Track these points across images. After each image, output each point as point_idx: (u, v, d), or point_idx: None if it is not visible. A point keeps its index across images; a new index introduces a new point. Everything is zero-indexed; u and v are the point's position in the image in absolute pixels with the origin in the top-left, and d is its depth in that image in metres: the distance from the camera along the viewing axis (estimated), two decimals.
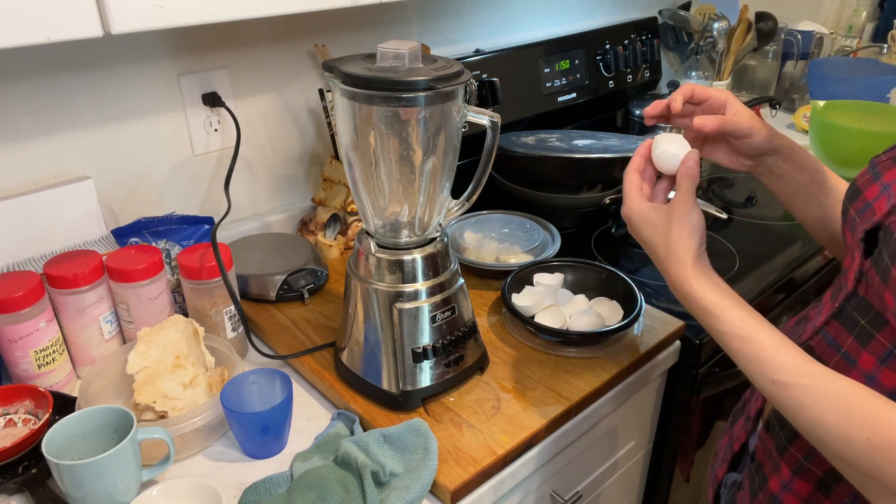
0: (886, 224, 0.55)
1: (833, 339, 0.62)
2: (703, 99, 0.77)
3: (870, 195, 0.60)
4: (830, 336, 0.62)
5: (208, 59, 1.06)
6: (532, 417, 0.81)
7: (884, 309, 0.55)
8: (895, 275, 0.52)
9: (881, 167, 0.61)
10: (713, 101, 0.77)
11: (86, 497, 0.67)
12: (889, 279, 0.53)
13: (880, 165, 0.61)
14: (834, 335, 0.62)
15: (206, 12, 0.71)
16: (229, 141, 1.12)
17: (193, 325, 0.85)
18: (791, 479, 0.64)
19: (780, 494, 0.65)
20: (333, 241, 1.17)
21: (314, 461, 0.76)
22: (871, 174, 0.62)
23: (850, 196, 0.64)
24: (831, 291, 0.66)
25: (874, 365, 0.56)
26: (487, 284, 1.08)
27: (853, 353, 0.59)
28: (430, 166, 0.78)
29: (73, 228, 0.95)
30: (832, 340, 0.62)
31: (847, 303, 0.61)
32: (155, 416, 0.79)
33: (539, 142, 1.33)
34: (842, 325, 0.61)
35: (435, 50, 1.31)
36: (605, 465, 1.02)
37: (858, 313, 0.59)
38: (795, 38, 1.87)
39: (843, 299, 0.61)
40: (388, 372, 0.81)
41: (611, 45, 1.59)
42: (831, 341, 0.62)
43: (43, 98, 0.92)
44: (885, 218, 0.56)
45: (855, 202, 0.62)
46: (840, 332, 0.61)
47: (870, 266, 0.57)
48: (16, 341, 0.80)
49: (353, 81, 0.71)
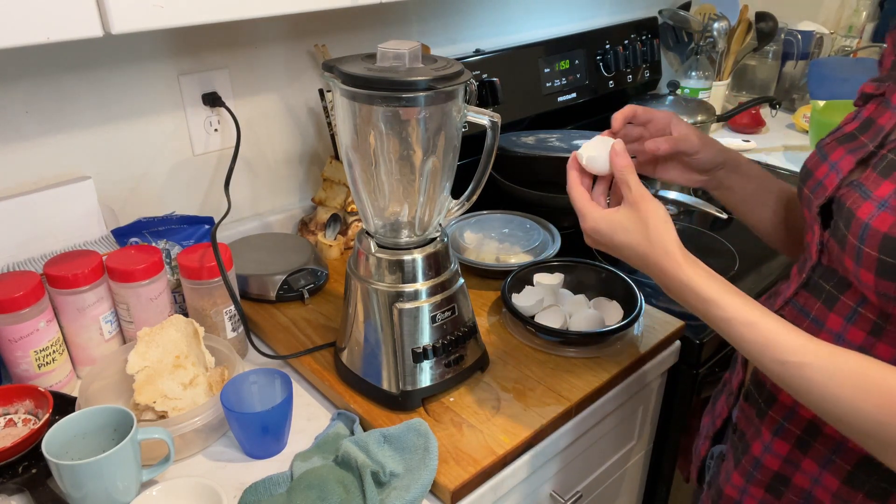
0: (838, 196, 0.60)
1: (802, 307, 0.66)
2: (646, 120, 0.80)
3: (820, 174, 0.65)
4: (800, 304, 0.66)
5: (208, 59, 1.06)
6: (532, 417, 0.81)
7: (846, 273, 0.59)
8: (851, 241, 0.57)
9: (827, 149, 0.66)
10: (657, 122, 0.79)
11: (86, 497, 0.67)
12: (846, 245, 0.57)
13: (826, 147, 0.66)
14: (803, 303, 0.66)
15: (206, 12, 0.71)
16: (229, 141, 1.12)
17: (193, 325, 0.85)
18: (772, 441, 0.67)
19: (761, 457, 0.68)
20: (333, 241, 1.17)
21: (314, 461, 0.76)
22: (818, 156, 0.66)
23: (802, 178, 0.68)
24: (797, 266, 0.70)
25: (841, 324, 0.61)
26: (487, 284, 1.08)
27: (821, 317, 0.63)
28: (430, 166, 0.78)
29: (73, 228, 0.95)
30: (801, 308, 0.66)
31: (813, 273, 0.65)
32: (155, 416, 0.79)
33: (539, 142, 1.33)
34: (809, 293, 0.65)
35: (435, 50, 1.31)
36: (605, 465, 1.02)
37: (824, 280, 0.64)
38: (795, 38, 1.87)
39: (809, 270, 0.65)
40: (388, 372, 0.81)
41: (611, 45, 1.59)
42: (801, 309, 0.66)
43: (43, 98, 0.92)
44: (836, 192, 0.61)
45: (808, 182, 0.66)
46: (808, 300, 0.65)
47: (829, 237, 0.62)
48: (16, 341, 0.80)
49: (353, 81, 0.71)
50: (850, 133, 0.64)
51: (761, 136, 1.77)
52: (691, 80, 1.73)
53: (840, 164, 0.62)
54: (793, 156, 1.65)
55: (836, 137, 0.66)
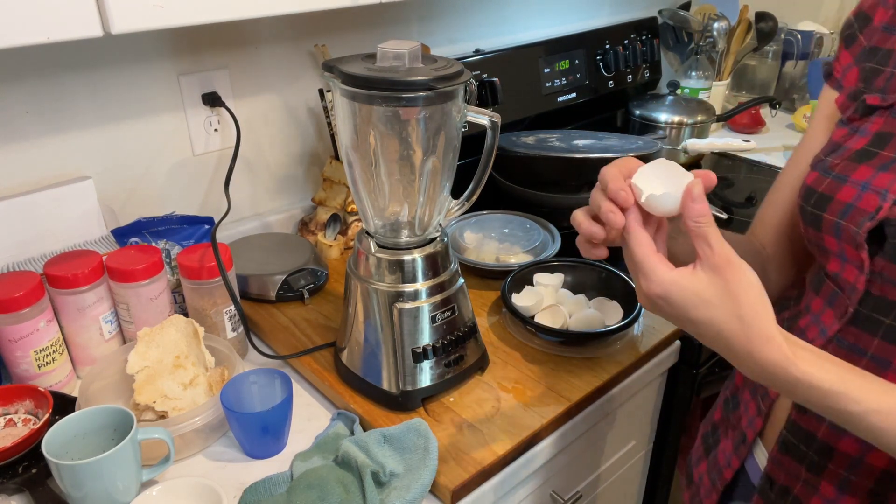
0: (893, 218, 0.54)
1: (853, 345, 0.58)
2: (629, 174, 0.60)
3: (846, 197, 0.58)
4: (849, 342, 0.59)
5: (208, 59, 1.06)
6: (532, 417, 0.81)
7: None
8: None
9: (841, 169, 0.60)
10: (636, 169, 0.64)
11: (86, 497, 0.67)
12: None
13: (838, 168, 0.60)
14: (853, 341, 0.58)
15: (206, 12, 0.71)
16: (229, 141, 1.12)
17: (193, 325, 0.85)
18: (838, 497, 0.60)
19: None
20: (333, 241, 1.17)
21: (314, 461, 0.76)
22: (829, 177, 0.60)
23: (816, 204, 0.61)
24: (822, 299, 0.62)
25: None
26: (487, 284, 1.08)
27: (884, 354, 0.56)
28: (430, 166, 0.78)
29: (73, 228, 0.95)
30: (852, 346, 0.58)
31: (861, 307, 0.58)
32: (155, 416, 0.79)
33: (539, 142, 1.33)
34: (861, 329, 0.58)
35: (435, 50, 1.31)
36: (605, 465, 1.02)
37: (879, 313, 0.57)
38: (795, 38, 1.87)
39: (857, 304, 0.58)
40: (388, 372, 0.81)
41: (611, 45, 1.59)
42: (851, 347, 0.58)
43: (43, 98, 0.92)
44: (890, 212, 0.54)
45: (829, 207, 0.59)
46: (860, 337, 0.58)
47: (885, 262, 0.55)
48: (16, 341, 0.80)
49: (353, 81, 0.71)
50: (863, 150, 0.59)
51: (761, 136, 1.77)
52: (691, 80, 1.73)
53: (874, 183, 0.56)
54: None
55: (846, 157, 0.60)
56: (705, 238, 0.51)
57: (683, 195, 0.53)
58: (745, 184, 1.51)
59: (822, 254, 0.63)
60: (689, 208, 0.52)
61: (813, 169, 0.63)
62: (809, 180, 0.63)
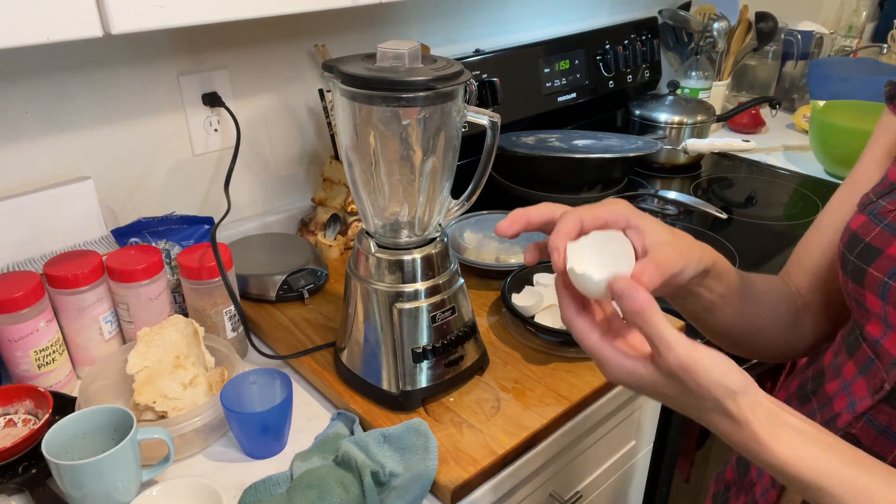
0: None
1: (886, 428, 0.51)
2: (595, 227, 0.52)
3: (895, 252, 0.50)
4: (881, 424, 0.52)
5: (208, 59, 1.06)
6: (532, 417, 0.81)
7: None
8: None
9: (894, 218, 0.51)
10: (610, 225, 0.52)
11: (86, 497, 0.67)
12: None
13: (891, 216, 0.52)
14: (886, 423, 0.51)
15: (206, 12, 0.71)
16: (229, 141, 1.12)
17: (193, 325, 0.85)
18: None
19: None
20: (333, 241, 1.17)
21: (314, 461, 0.76)
22: (880, 226, 0.52)
23: (861, 255, 0.52)
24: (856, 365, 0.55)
25: None
26: (487, 284, 1.08)
27: None
28: (430, 166, 0.78)
29: (73, 228, 0.95)
30: (885, 428, 0.51)
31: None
32: (155, 416, 0.79)
33: (539, 142, 1.33)
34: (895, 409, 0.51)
35: (435, 50, 1.31)
36: (605, 465, 1.02)
37: None
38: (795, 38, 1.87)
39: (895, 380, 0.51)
40: (388, 372, 0.81)
41: (611, 45, 1.59)
42: (883, 429, 0.51)
43: (43, 98, 0.92)
44: None
45: (876, 262, 0.51)
46: (894, 419, 0.51)
47: None
48: (16, 341, 0.80)
49: (353, 81, 0.71)
50: None
51: (761, 136, 1.77)
52: (691, 80, 1.73)
53: None
54: (792, 156, 1.66)
55: None
56: (649, 338, 0.45)
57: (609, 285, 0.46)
58: (745, 184, 1.51)
59: (861, 312, 0.55)
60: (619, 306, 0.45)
61: (861, 212, 0.55)
62: (855, 225, 0.54)
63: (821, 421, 0.57)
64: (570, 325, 0.50)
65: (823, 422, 0.56)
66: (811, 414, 0.59)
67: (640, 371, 0.47)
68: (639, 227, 0.52)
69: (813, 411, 0.59)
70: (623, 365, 0.47)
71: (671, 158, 1.56)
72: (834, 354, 0.60)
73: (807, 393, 0.62)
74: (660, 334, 0.44)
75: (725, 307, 0.62)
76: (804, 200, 1.43)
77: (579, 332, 0.49)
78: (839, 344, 0.61)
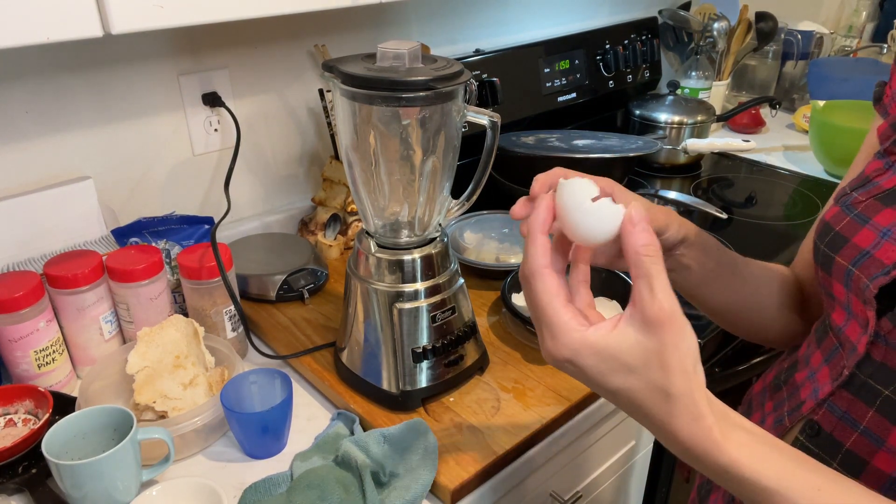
0: None
1: (845, 413, 0.51)
2: None
3: (862, 242, 0.50)
4: (841, 409, 0.52)
5: (208, 59, 1.06)
6: (532, 417, 0.81)
7: None
8: None
9: (863, 208, 0.52)
10: None
11: (86, 497, 0.67)
12: None
13: (861, 206, 0.52)
14: (846, 408, 0.51)
15: (206, 12, 0.71)
16: (229, 141, 1.12)
17: (193, 325, 0.85)
18: None
19: None
20: (333, 241, 1.17)
21: (314, 461, 0.76)
22: (850, 216, 0.52)
23: (830, 244, 0.53)
24: (822, 354, 0.56)
25: None
26: (487, 284, 1.08)
27: (877, 430, 0.49)
28: (430, 166, 0.78)
29: (73, 228, 0.95)
30: (844, 414, 0.51)
31: (858, 370, 0.50)
32: (155, 416, 0.79)
33: (539, 142, 1.33)
34: (855, 396, 0.51)
35: (435, 50, 1.31)
36: (605, 465, 1.02)
37: (878, 382, 0.49)
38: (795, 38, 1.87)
39: (854, 366, 0.51)
40: (388, 372, 0.81)
41: (611, 45, 1.59)
42: (843, 415, 0.51)
43: (43, 98, 0.92)
44: None
45: (842, 250, 0.51)
46: (854, 405, 0.51)
47: (892, 327, 0.47)
48: (16, 341, 0.80)
49: (353, 81, 0.71)
50: (894, 190, 0.52)
51: (761, 136, 1.77)
52: (691, 80, 1.73)
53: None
54: (792, 155, 1.65)
55: (873, 195, 0.52)
56: (648, 278, 0.41)
57: (623, 222, 0.43)
58: (745, 184, 1.51)
59: (828, 301, 0.56)
60: (630, 234, 0.42)
61: (835, 203, 0.56)
62: (828, 215, 0.55)
63: (787, 409, 0.58)
64: (537, 276, 0.45)
65: (790, 409, 0.57)
66: (780, 403, 0.60)
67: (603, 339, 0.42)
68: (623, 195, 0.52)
69: (782, 400, 0.60)
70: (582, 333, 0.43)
71: (671, 158, 1.56)
72: (807, 345, 0.61)
73: (779, 383, 0.62)
74: (661, 276, 0.41)
75: (716, 282, 0.63)
76: (804, 200, 1.43)
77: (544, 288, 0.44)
78: (812, 335, 0.61)
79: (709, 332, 1.00)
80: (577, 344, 0.43)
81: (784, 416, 0.59)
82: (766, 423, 0.62)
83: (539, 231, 0.46)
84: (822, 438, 0.53)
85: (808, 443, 0.55)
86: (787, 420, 0.58)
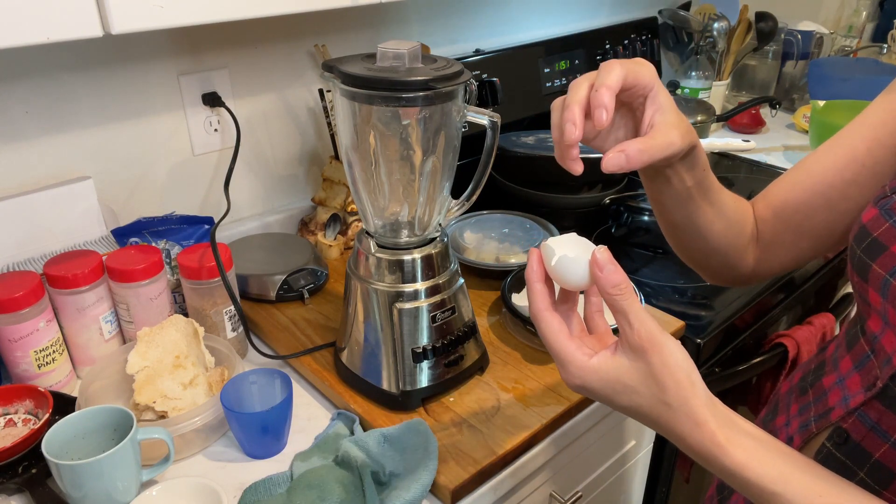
0: None
1: (876, 424, 0.51)
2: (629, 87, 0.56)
3: None
4: (871, 419, 0.51)
5: (208, 59, 1.06)
6: (532, 417, 0.81)
7: None
8: None
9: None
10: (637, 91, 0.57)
11: (86, 497, 0.67)
12: None
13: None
14: (877, 419, 0.51)
15: (206, 12, 0.71)
16: (229, 141, 1.12)
17: (193, 325, 0.85)
18: None
19: None
20: (333, 241, 1.17)
21: (314, 461, 0.76)
22: (890, 221, 0.51)
23: (867, 249, 0.52)
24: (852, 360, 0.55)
25: None
26: (487, 284, 1.08)
27: None
28: (430, 166, 0.78)
29: (73, 228, 0.95)
30: (874, 425, 0.51)
31: (893, 382, 0.50)
32: (155, 416, 0.79)
33: (539, 142, 1.33)
34: (887, 407, 0.50)
35: (435, 50, 1.31)
36: (605, 465, 1.02)
37: None
38: (795, 38, 1.87)
39: (889, 378, 0.50)
40: (388, 372, 0.81)
41: (611, 45, 1.59)
42: (873, 426, 0.51)
43: (43, 98, 0.92)
44: None
45: (881, 258, 0.50)
46: (885, 416, 0.50)
47: None
48: (16, 341, 0.80)
49: (353, 81, 0.71)
50: None
51: (761, 136, 1.77)
52: (691, 80, 1.73)
53: None
54: (793, 155, 1.65)
55: None
56: (624, 313, 0.47)
57: (590, 264, 0.49)
58: (745, 184, 1.51)
59: (864, 307, 0.54)
60: (598, 280, 0.48)
61: (874, 205, 0.53)
62: (866, 218, 0.53)
63: (814, 414, 0.57)
64: (540, 319, 0.52)
65: (817, 415, 0.57)
66: (806, 406, 0.59)
67: (605, 366, 0.49)
68: (655, 99, 0.55)
69: (808, 404, 0.59)
70: (587, 362, 0.49)
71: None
72: (836, 347, 0.60)
73: (806, 385, 0.62)
74: (635, 309, 0.47)
75: (688, 202, 0.64)
76: None
77: (548, 328, 0.52)
78: (841, 336, 0.60)
79: (709, 332, 1.00)
80: (583, 372, 0.50)
81: (811, 422, 0.57)
82: (790, 427, 0.61)
83: (535, 280, 0.53)
84: (849, 447, 0.53)
85: (836, 450, 0.54)
86: (813, 426, 0.57)
